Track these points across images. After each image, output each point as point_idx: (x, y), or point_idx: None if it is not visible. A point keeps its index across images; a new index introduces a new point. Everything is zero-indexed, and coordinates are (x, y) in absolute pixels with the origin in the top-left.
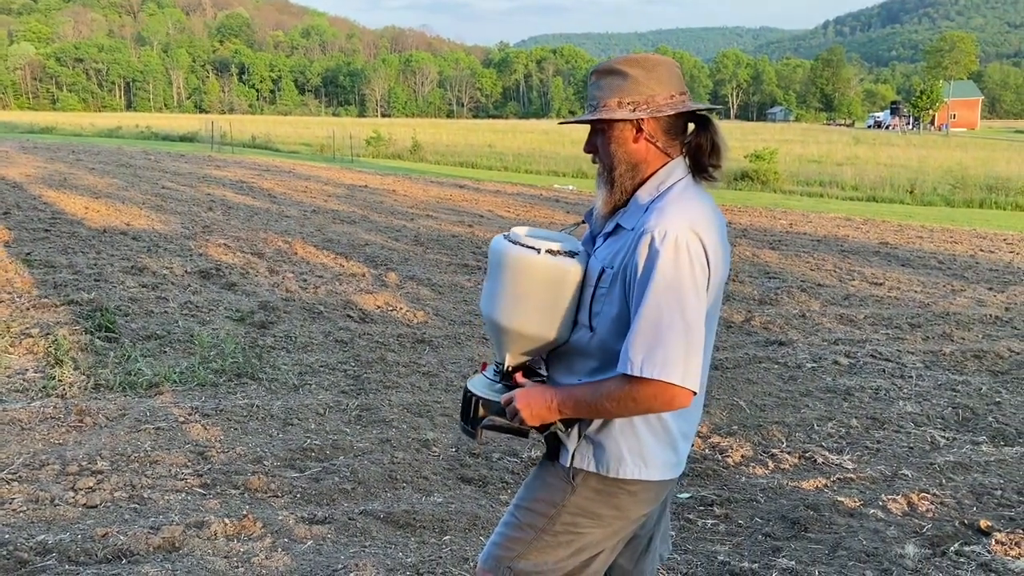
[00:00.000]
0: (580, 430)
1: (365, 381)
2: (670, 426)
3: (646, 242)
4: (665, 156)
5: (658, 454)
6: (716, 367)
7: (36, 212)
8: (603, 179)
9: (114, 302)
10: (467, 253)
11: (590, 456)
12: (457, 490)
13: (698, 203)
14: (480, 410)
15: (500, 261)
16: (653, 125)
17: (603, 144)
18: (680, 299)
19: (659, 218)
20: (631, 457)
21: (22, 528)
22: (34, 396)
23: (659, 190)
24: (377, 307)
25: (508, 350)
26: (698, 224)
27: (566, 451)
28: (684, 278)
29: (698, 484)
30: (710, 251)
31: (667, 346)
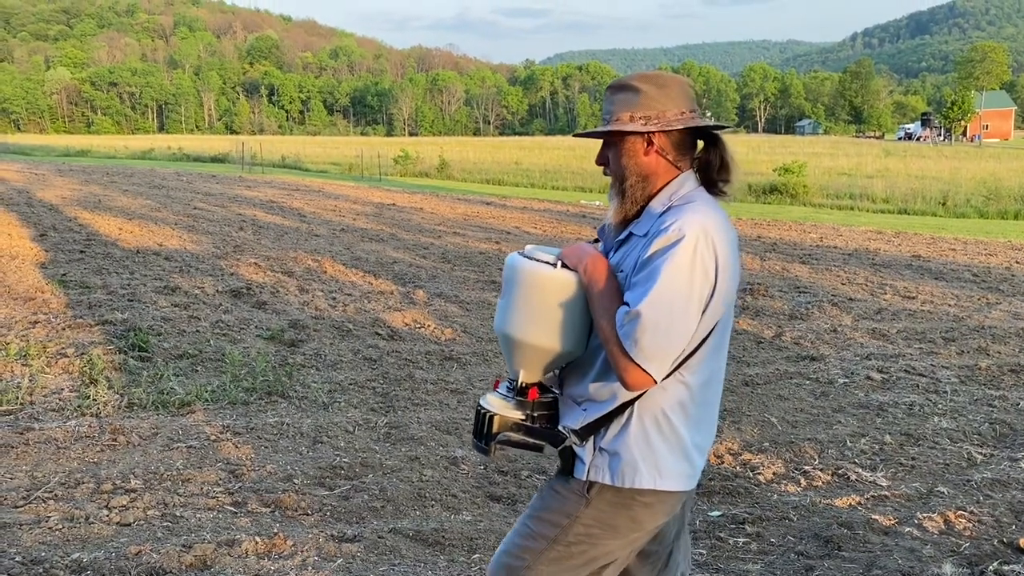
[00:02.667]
0: (595, 443)
1: (394, 399)
2: (683, 437)
3: (661, 239)
4: (676, 169)
5: (672, 464)
6: (747, 383)
7: (72, 233)
8: (615, 191)
9: (147, 322)
10: (494, 270)
11: (605, 468)
12: (486, 508)
13: (713, 213)
14: (494, 427)
15: (515, 277)
16: (663, 139)
17: (615, 156)
18: (680, 299)
19: (676, 219)
20: (645, 467)
21: (58, 546)
22: (69, 415)
23: (672, 200)
24: (405, 325)
25: (523, 365)
26: (711, 232)
27: (582, 464)
28: (688, 280)
29: (729, 502)
30: (720, 261)
31: (654, 337)
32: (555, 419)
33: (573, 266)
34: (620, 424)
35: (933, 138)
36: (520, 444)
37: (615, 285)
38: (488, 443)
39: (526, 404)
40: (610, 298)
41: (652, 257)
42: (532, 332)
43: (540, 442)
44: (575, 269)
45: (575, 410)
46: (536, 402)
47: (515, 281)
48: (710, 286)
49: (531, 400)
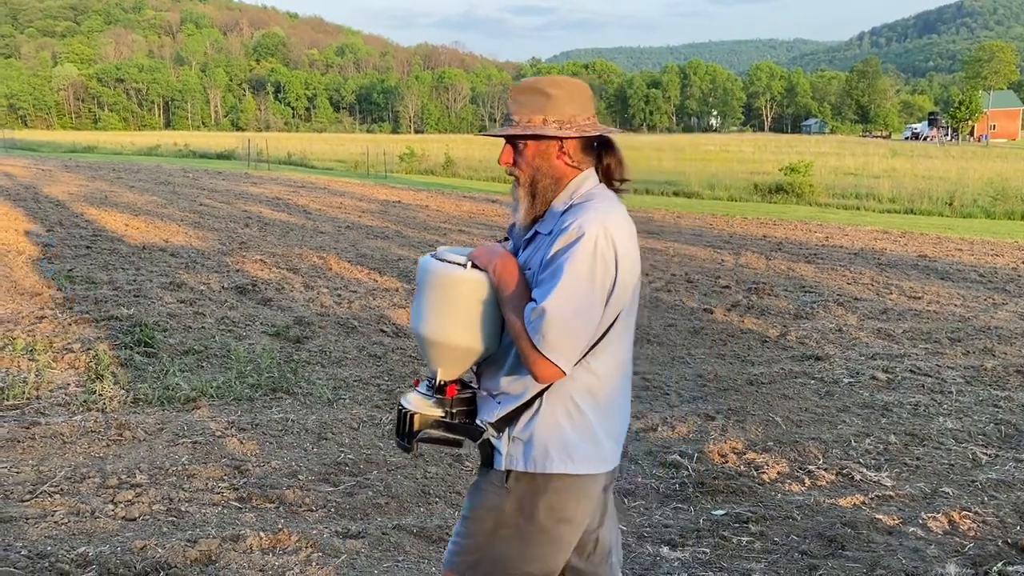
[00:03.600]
0: (509, 433)
1: (399, 395)
2: (592, 422)
3: (563, 238)
4: (578, 170)
5: (582, 449)
6: (751, 382)
7: (78, 229)
8: (525, 191)
9: (153, 317)
10: None
11: (519, 455)
12: None
13: (613, 208)
14: (415, 425)
15: (428, 279)
16: (573, 144)
17: (525, 158)
18: (583, 293)
19: (577, 218)
20: (556, 453)
21: (63, 540)
22: (75, 410)
23: (573, 198)
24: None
25: (440, 364)
26: (610, 227)
27: (499, 455)
28: (590, 275)
29: (733, 501)
30: (620, 253)
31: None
32: (473, 414)
33: (483, 266)
34: (531, 413)
35: (940, 138)
36: (441, 440)
37: (523, 283)
38: (410, 441)
39: (445, 401)
40: (519, 296)
41: (555, 255)
42: (447, 332)
43: (459, 437)
44: (485, 269)
45: (491, 404)
46: (454, 399)
47: (428, 283)
48: (611, 279)
49: (449, 397)
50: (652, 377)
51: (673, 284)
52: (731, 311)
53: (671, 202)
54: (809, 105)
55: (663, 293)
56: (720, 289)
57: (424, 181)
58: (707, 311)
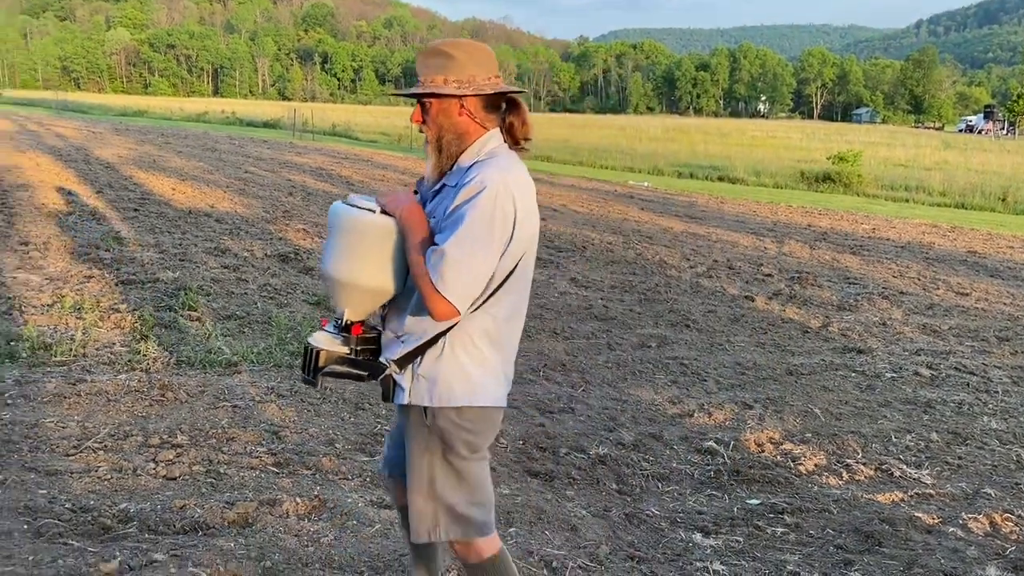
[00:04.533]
0: (413, 371)
1: None
2: (490, 359)
3: (467, 190)
4: (483, 128)
5: (483, 383)
6: (791, 372)
7: (127, 192)
8: (432, 147)
9: (197, 282)
10: (539, 247)
11: (424, 392)
12: (524, 483)
13: (515, 167)
14: (320, 360)
15: (339, 223)
16: (474, 102)
17: (431, 115)
18: (481, 241)
19: (480, 173)
20: (459, 387)
21: (106, 496)
22: (120, 369)
23: (478, 155)
24: None
25: (347, 304)
26: (511, 183)
27: (401, 390)
28: (489, 225)
29: (768, 491)
30: (519, 207)
31: (458, 272)
32: (377, 353)
33: (392, 211)
34: (436, 353)
35: (996, 131)
36: (344, 375)
37: (428, 229)
38: (315, 375)
39: (350, 339)
40: (422, 240)
41: (459, 206)
42: (356, 274)
43: (363, 372)
44: (393, 214)
45: (395, 343)
46: (359, 337)
47: (340, 227)
48: (509, 230)
49: (355, 335)
50: (690, 363)
51: (715, 270)
52: (773, 300)
53: (715, 187)
54: (861, 93)
55: (704, 279)
56: (762, 277)
57: None
58: (748, 299)
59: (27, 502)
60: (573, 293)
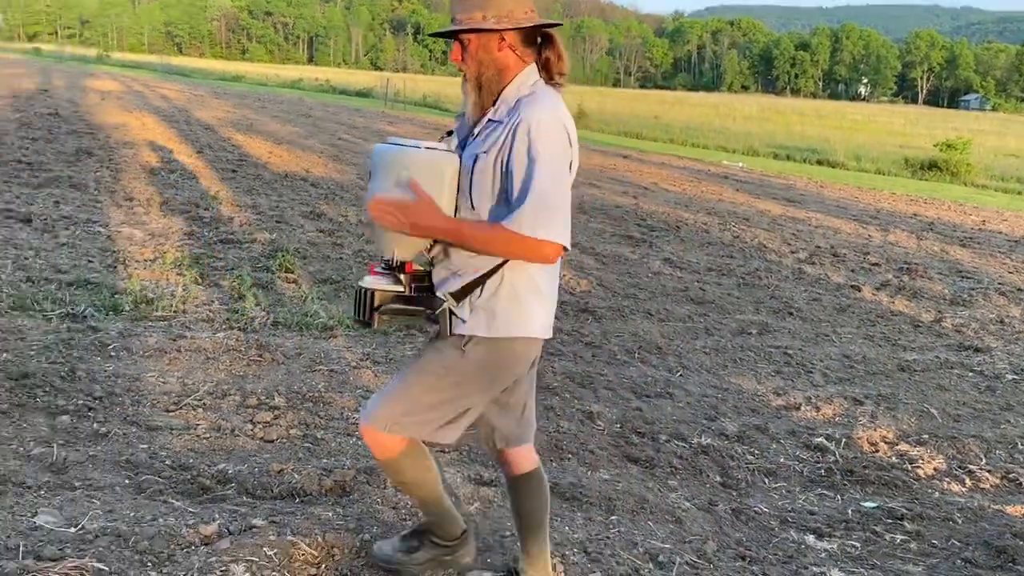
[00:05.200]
0: (471, 303)
1: None
2: (544, 291)
3: (524, 129)
4: (523, 62)
5: (537, 315)
6: (903, 368)
7: (225, 153)
8: (472, 84)
9: (293, 244)
10: (631, 224)
11: (482, 322)
12: (623, 468)
13: (558, 100)
14: (376, 300)
15: (385, 162)
16: (513, 36)
17: (470, 52)
18: (559, 173)
19: (531, 109)
20: (516, 319)
21: (205, 455)
22: (218, 327)
23: (521, 91)
24: None
25: (397, 243)
26: (561, 114)
27: (461, 322)
28: (559, 156)
29: (885, 494)
30: (571, 137)
31: (554, 211)
32: (431, 289)
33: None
34: (495, 285)
35: None
36: (401, 312)
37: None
38: (371, 316)
39: (404, 278)
40: (481, 232)
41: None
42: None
43: (419, 308)
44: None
45: (451, 278)
46: (412, 274)
47: (385, 165)
48: (569, 162)
49: (408, 273)
50: (794, 353)
51: (818, 257)
52: (880, 290)
53: (813, 170)
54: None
55: (807, 265)
56: (868, 266)
57: None
58: (854, 288)
59: (129, 456)
60: (667, 274)
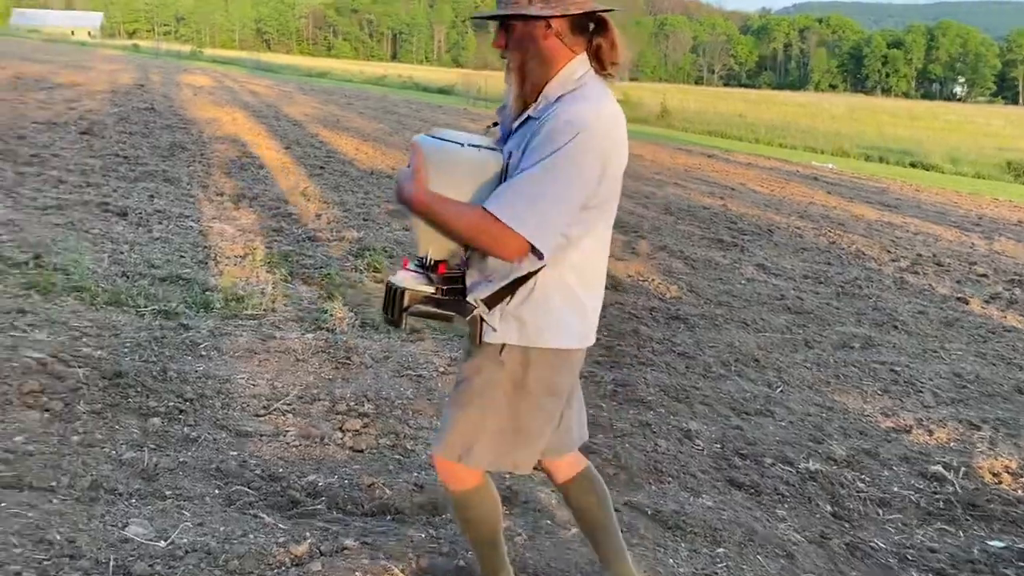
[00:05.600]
0: (502, 310)
1: (619, 353)
2: (581, 299)
3: (552, 123)
4: (571, 52)
5: (571, 324)
6: (1021, 391)
7: (313, 149)
8: (515, 74)
9: (380, 243)
10: (721, 227)
11: (513, 331)
12: (727, 495)
13: (605, 98)
14: (405, 300)
15: (431, 157)
16: (561, 23)
17: (514, 40)
18: (566, 176)
19: (568, 107)
20: (548, 328)
21: (294, 464)
22: (307, 327)
23: (565, 86)
24: (628, 276)
25: (431, 241)
26: (605, 118)
27: (492, 330)
28: (576, 161)
29: (1014, 533)
30: (610, 143)
31: (533, 204)
32: (462, 292)
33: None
34: (526, 291)
35: None
36: (431, 315)
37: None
38: (400, 316)
39: (435, 279)
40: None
41: (543, 140)
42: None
43: (450, 312)
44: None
45: (482, 283)
46: (444, 276)
47: (427, 160)
48: (598, 168)
49: (440, 274)
50: (901, 370)
51: (920, 266)
52: (991, 303)
53: (907, 173)
54: None
55: (908, 274)
56: (976, 277)
57: (636, 130)
58: (961, 300)
59: (219, 463)
60: (761, 281)
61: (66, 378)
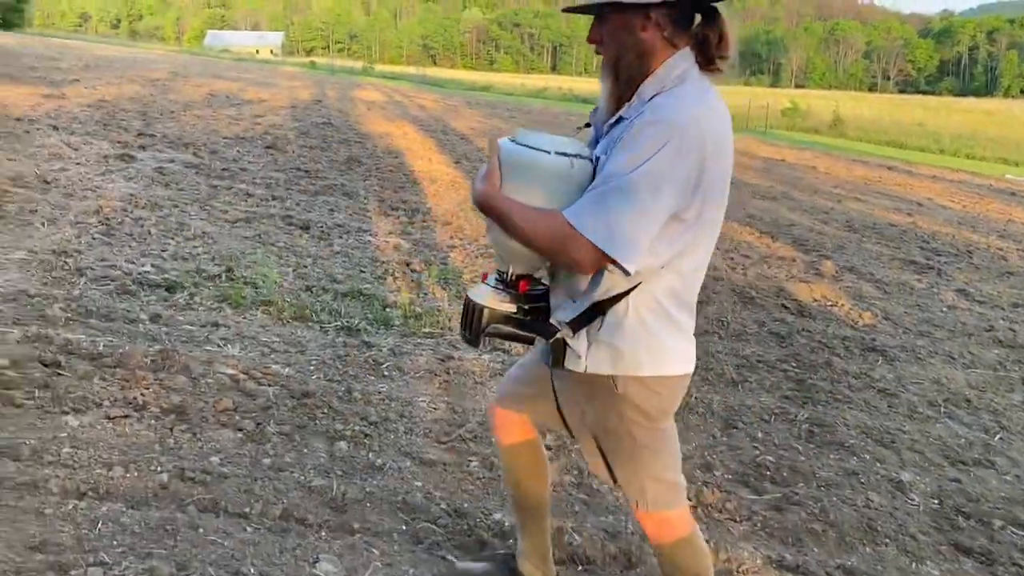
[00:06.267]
0: (589, 335)
1: (811, 388)
2: (679, 322)
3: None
4: (672, 47)
5: (674, 350)
6: None
7: (481, 163)
8: (608, 70)
9: None
10: (912, 247)
11: (606, 360)
12: (954, 562)
13: (706, 96)
14: (483, 319)
15: (511, 163)
16: (661, 13)
17: (609, 32)
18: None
19: (660, 107)
20: (647, 354)
21: (479, 500)
22: (484, 348)
23: (663, 84)
24: (814, 300)
25: (515, 257)
26: (700, 118)
27: (577, 357)
28: (665, 167)
29: None
30: (709, 145)
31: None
32: (545, 312)
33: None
34: (617, 316)
35: None
36: (510, 336)
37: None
38: (477, 335)
39: (516, 297)
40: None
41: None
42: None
43: (530, 335)
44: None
45: (567, 304)
46: (526, 295)
47: (511, 166)
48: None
49: (521, 293)
50: None
51: None
52: None
53: None
54: None
55: None
56: None
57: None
58: None
59: (404, 495)
60: (964, 308)
61: (257, 396)
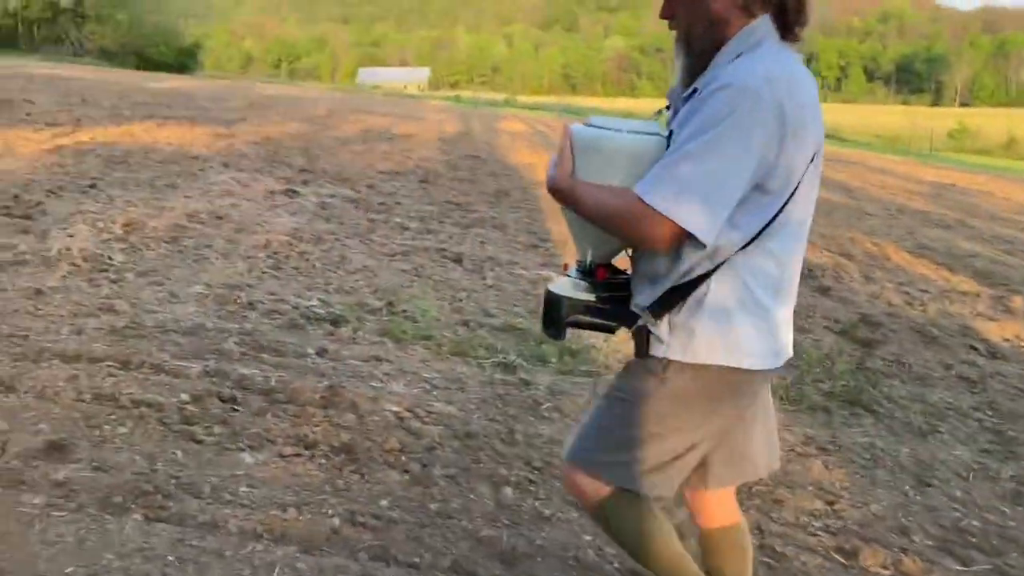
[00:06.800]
0: (670, 320)
1: (1012, 441)
2: (768, 311)
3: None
4: (748, 15)
5: (754, 341)
6: None
7: None
8: (681, 45)
9: None
10: None
11: (680, 345)
12: None
13: (779, 58)
14: (563, 310)
15: (583, 146)
16: None
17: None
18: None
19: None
20: (724, 344)
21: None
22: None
23: (739, 51)
24: (1005, 340)
25: (593, 243)
26: (777, 79)
27: (659, 343)
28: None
29: None
30: (790, 109)
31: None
32: (626, 300)
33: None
34: (698, 299)
35: None
36: (592, 326)
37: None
38: (559, 328)
39: (595, 285)
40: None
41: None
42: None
43: (611, 323)
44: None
45: (647, 287)
46: (605, 282)
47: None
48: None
49: (600, 281)
50: None
51: None
52: None
53: None
54: None
55: None
56: None
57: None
58: None
59: (576, 552)
60: None
61: (422, 436)
